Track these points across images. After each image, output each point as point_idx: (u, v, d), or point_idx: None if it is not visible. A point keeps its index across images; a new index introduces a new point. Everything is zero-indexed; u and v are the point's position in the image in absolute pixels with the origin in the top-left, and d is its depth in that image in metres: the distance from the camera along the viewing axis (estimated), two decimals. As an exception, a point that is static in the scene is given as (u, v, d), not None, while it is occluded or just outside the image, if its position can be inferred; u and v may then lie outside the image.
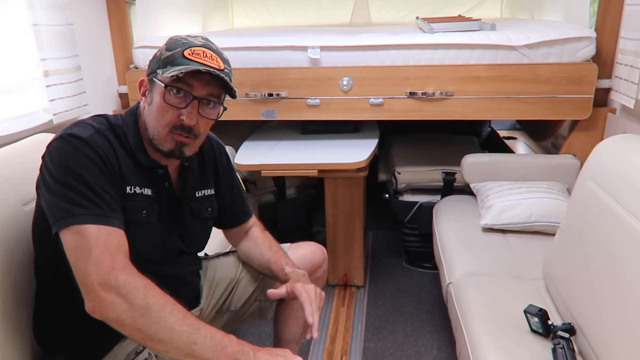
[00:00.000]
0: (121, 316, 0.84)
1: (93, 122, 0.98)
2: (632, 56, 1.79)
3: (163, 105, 0.97)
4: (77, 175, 0.89)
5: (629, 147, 1.16)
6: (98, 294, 0.84)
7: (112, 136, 0.99)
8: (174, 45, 0.99)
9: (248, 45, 2.09)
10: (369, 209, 2.57)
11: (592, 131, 2.03)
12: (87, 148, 0.92)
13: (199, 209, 1.16)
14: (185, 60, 0.96)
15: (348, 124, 2.32)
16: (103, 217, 0.89)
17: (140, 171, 1.02)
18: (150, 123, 1.00)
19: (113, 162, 0.96)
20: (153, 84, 0.99)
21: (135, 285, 0.85)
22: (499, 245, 1.71)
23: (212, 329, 0.88)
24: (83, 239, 0.86)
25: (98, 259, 0.85)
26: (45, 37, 1.73)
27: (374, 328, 1.98)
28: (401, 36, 2.04)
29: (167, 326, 0.84)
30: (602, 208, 1.11)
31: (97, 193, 0.90)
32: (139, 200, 1.00)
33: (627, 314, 0.93)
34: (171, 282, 1.02)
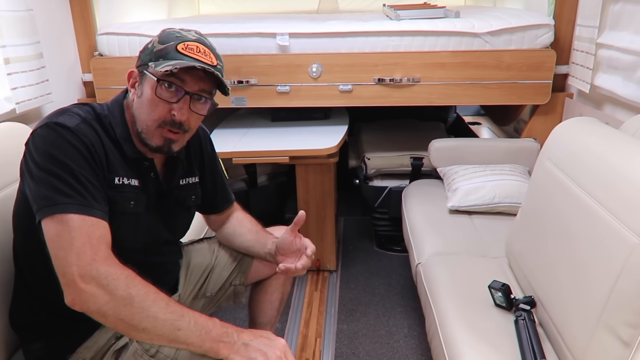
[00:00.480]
0: (103, 307, 0.83)
1: (79, 111, 0.96)
2: (587, 43, 1.88)
3: (154, 99, 0.96)
4: (62, 164, 0.88)
5: (584, 130, 1.23)
6: (78, 285, 0.83)
7: (98, 126, 0.97)
8: (167, 38, 0.97)
9: (216, 32, 2.07)
10: (339, 195, 2.61)
11: (551, 115, 2.12)
12: (74, 137, 0.90)
13: (182, 197, 1.16)
14: (178, 54, 0.95)
15: (318, 110, 2.34)
16: (87, 207, 0.88)
17: (127, 162, 1.01)
18: (139, 116, 0.99)
19: (100, 153, 0.94)
20: (144, 77, 0.98)
21: (117, 276, 0.85)
22: (465, 226, 1.78)
23: (195, 314, 0.89)
24: (65, 229, 0.85)
25: (79, 249, 0.84)
26: (4, 22, 1.66)
27: (346, 310, 2.03)
28: (369, 23, 2.06)
29: (150, 315, 0.84)
30: (559, 187, 1.18)
31: (82, 183, 0.89)
32: (127, 191, 0.99)
33: (581, 285, 1.00)
34: (155, 272, 1.03)
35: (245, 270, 1.35)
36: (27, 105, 1.77)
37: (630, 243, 0.87)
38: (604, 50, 1.78)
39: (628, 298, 0.86)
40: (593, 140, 1.16)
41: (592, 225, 1.01)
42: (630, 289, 0.86)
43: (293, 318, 1.99)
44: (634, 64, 1.58)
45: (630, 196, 0.92)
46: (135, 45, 2.10)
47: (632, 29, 1.61)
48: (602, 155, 1.07)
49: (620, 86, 1.66)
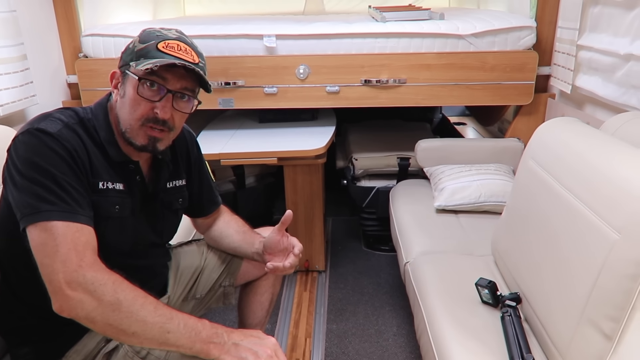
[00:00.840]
0: (91, 313, 0.83)
1: (61, 116, 0.96)
2: (569, 44, 1.92)
3: (136, 98, 0.96)
4: (45, 171, 0.87)
5: (565, 129, 1.26)
6: (65, 292, 0.83)
7: (81, 130, 0.96)
8: (148, 37, 0.98)
9: (202, 33, 2.07)
10: (327, 196, 2.63)
11: (534, 115, 2.17)
12: (56, 143, 0.90)
13: (169, 200, 1.16)
14: (159, 53, 0.95)
15: (305, 112, 2.35)
16: (71, 214, 0.87)
17: (112, 166, 1.00)
18: (122, 116, 0.99)
19: (83, 158, 0.94)
20: (126, 77, 0.98)
21: (104, 282, 0.85)
22: (452, 225, 1.80)
23: (185, 316, 0.89)
24: (50, 236, 0.85)
25: (65, 256, 0.84)
26: (-13, 25, 1.65)
27: (336, 310, 2.04)
28: (355, 25, 2.08)
29: (139, 319, 0.84)
30: (542, 186, 1.21)
31: (65, 189, 0.88)
32: (112, 196, 0.99)
33: (564, 281, 1.03)
34: (143, 275, 1.03)
35: (235, 272, 1.35)
36: (11, 107, 1.75)
37: (611, 240, 0.90)
38: (585, 51, 1.82)
39: (609, 293, 0.89)
40: (574, 139, 1.19)
41: (574, 222, 1.03)
42: (611, 284, 0.89)
43: (283, 318, 1.99)
44: (613, 65, 1.62)
45: (610, 194, 0.95)
46: (120, 46, 2.05)
47: (611, 31, 1.65)
48: (582, 154, 1.10)
49: (600, 87, 1.71)
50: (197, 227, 1.37)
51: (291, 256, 1.18)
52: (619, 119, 1.35)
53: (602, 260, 0.91)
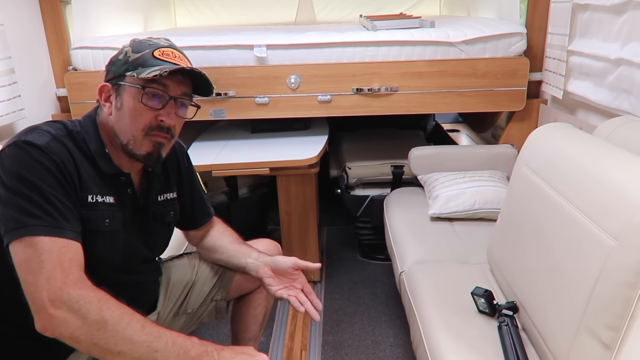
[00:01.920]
0: (75, 332, 0.81)
1: (49, 128, 0.94)
2: (559, 50, 1.93)
3: (138, 107, 0.95)
4: (31, 185, 0.85)
5: (558, 135, 1.25)
6: (48, 311, 0.80)
7: (70, 143, 0.94)
8: (140, 47, 0.97)
9: (193, 44, 2.06)
10: (321, 205, 2.61)
11: (527, 121, 2.16)
12: (43, 156, 0.88)
13: (161, 213, 1.14)
14: (157, 60, 0.95)
15: (298, 121, 2.34)
16: (57, 229, 0.85)
17: (102, 179, 0.99)
18: (122, 128, 0.97)
19: (71, 171, 0.92)
20: (120, 88, 0.97)
21: (89, 300, 0.82)
22: (447, 233, 1.79)
23: (173, 334, 0.87)
24: (35, 252, 0.82)
25: (50, 273, 0.81)
26: (-27, 39, 1.63)
27: (331, 321, 2.02)
28: (346, 34, 2.08)
29: (125, 338, 0.82)
30: (537, 192, 1.20)
31: (52, 203, 0.86)
32: (101, 209, 0.97)
33: (561, 290, 1.01)
34: (133, 291, 1.00)
35: (227, 285, 1.33)
36: (-2, 122, 1.73)
37: (607, 246, 0.88)
38: (575, 57, 1.82)
39: (607, 301, 0.87)
40: (567, 145, 1.18)
41: (570, 229, 1.02)
42: (609, 292, 0.87)
43: (277, 331, 1.96)
44: (604, 70, 1.62)
45: (605, 200, 0.93)
46: (110, 59, 2.06)
47: (601, 36, 1.65)
48: (576, 160, 1.09)
49: (592, 92, 1.71)
50: (190, 240, 1.35)
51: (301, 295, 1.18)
52: (612, 123, 1.35)
53: (599, 268, 0.89)
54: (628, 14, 1.49)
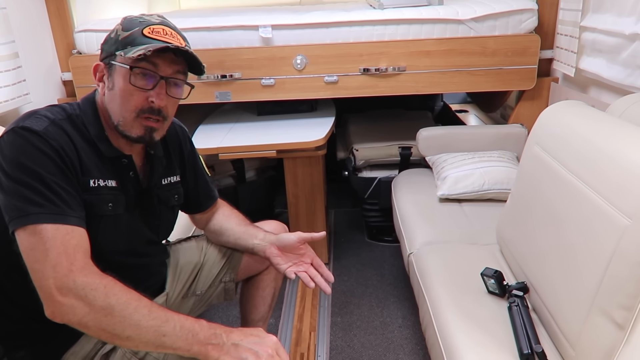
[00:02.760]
0: (83, 319, 0.81)
1: (47, 113, 0.92)
2: (571, 26, 1.88)
3: (128, 88, 0.93)
4: (32, 172, 0.84)
5: (570, 113, 1.22)
6: (56, 298, 0.81)
7: (69, 127, 0.93)
8: (131, 24, 0.95)
9: (197, 25, 2.03)
10: (329, 187, 2.60)
11: (538, 100, 2.12)
12: (42, 142, 0.86)
13: (166, 196, 1.13)
14: (146, 39, 0.92)
15: (304, 103, 2.32)
16: (60, 216, 0.84)
17: (103, 162, 0.97)
18: (113, 109, 0.95)
19: (72, 156, 0.90)
20: (112, 68, 0.95)
21: (95, 286, 0.82)
22: (456, 214, 1.77)
23: (181, 317, 0.86)
24: (39, 240, 0.82)
25: (55, 260, 0.81)
26: (-24, 22, 1.62)
27: (340, 303, 2.02)
28: (352, 13, 2.04)
29: (132, 323, 0.82)
30: (548, 171, 1.18)
31: (54, 190, 0.85)
32: (104, 193, 0.96)
33: (573, 270, 1.00)
34: (140, 274, 1.00)
35: (235, 267, 1.33)
36: (4, 106, 1.73)
37: (621, 226, 0.87)
38: (588, 33, 1.77)
39: (621, 281, 0.86)
40: (580, 123, 1.15)
41: (582, 208, 1.00)
42: (623, 272, 0.86)
43: (286, 313, 1.97)
44: (618, 46, 1.57)
45: (619, 178, 0.91)
46: (114, 42, 2.05)
47: (615, 11, 1.60)
48: (589, 138, 1.07)
49: (605, 69, 1.66)
50: (196, 223, 1.35)
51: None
52: (626, 101, 1.31)
53: (612, 247, 0.88)
54: (644, -13, 1.44)
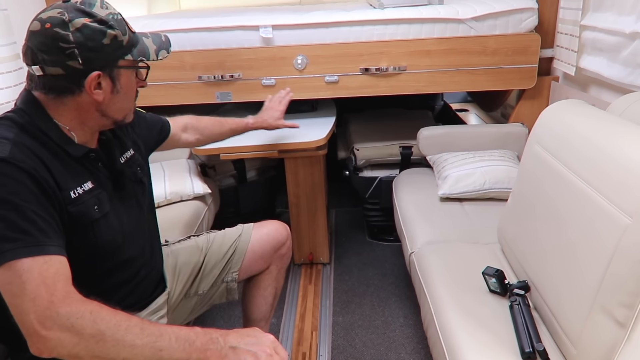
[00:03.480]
0: (73, 350, 0.78)
1: (4, 133, 0.87)
2: (571, 25, 1.88)
3: (133, 85, 1.01)
4: (4, 202, 0.81)
5: (570, 112, 1.23)
6: (40, 333, 0.77)
7: (30, 140, 0.89)
8: (120, 25, 0.94)
9: (198, 26, 2.03)
10: (330, 187, 2.60)
11: (538, 99, 2.13)
12: (11, 169, 0.82)
13: (132, 172, 1.11)
14: (137, 36, 1.00)
15: (305, 103, 2.32)
16: (36, 247, 0.81)
17: (72, 166, 0.95)
18: (122, 107, 1.01)
19: (45, 175, 0.87)
20: (117, 71, 0.95)
21: (80, 314, 0.79)
22: (457, 213, 1.78)
23: (174, 328, 0.85)
24: (15, 274, 0.78)
25: (34, 293, 0.78)
26: (-22, 24, 1.62)
27: (341, 302, 2.03)
28: (352, 12, 2.04)
29: (127, 345, 0.80)
30: (549, 171, 1.18)
31: (29, 219, 0.81)
32: (86, 199, 0.95)
33: (574, 268, 1.00)
34: (139, 261, 1.01)
35: (237, 267, 1.34)
36: (4, 107, 1.72)
37: (622, 224, 0.87)
38: (588, 32, 1.77)
39: (622, 279, 0.86)
40: (581, 122, 1.15)
41: (583, 207, 1.00)
42: (624, 270, 0.86)
43: (288, 312, 1.98)
44: (619, 45, 1.58)
45: (620, 177, 0.92)
46: (115, 42, 2.05)
47: (616, 10, 1.60)
48: (590, 137, 1.07)
49: (606, 67, 1.67)
50: (180, 145, 1.49)
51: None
52: (626, 99, 1.31)
53: (613, 246, 0.88)
54: (644, -15, 1.44)
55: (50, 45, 0.88)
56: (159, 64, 1.15)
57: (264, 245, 1.36)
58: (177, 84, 2.06)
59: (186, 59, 2.03)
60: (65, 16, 0.89)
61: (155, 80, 2.01)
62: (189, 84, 2.07)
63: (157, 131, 1.36)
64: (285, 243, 1.42)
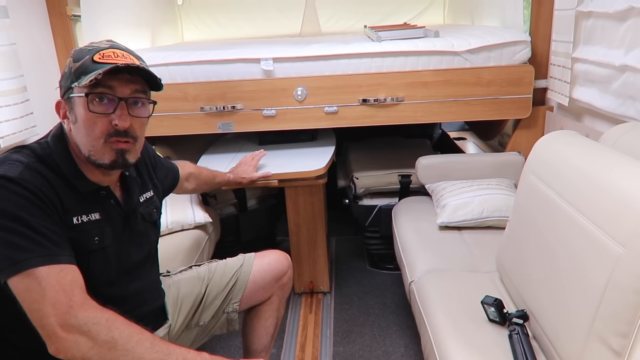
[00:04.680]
0: (87, 354, 0.82)
1: (20, 157, 0.93)
2: (564, 57, 1.93)
3: (89, 116, 0.93)
4: (15, 218, 0.85)
5: (563, 142, 1.26)
6: (59, 335, 0.82)
7: (43, 168, 0.93)
8: (81, 54, 0.95)
9: (201, 59, 2.09)
10: (330, 215, 2.62)
11: (534, 129, 2.17)
12: (19, 187, 0.87)
13: (148, 212, 1.15)
14: (97, 65, 0.92)
15: (305, 132, 2.36)
16: (50, 257, 0.85)
17: (84, 197, 0.98)
18: (81, 141, 0.96)
19: (51, 196, 0.91)
20: (71, 101, 0.95)
21: (97, 321, 0.84)
22: (456, 241, 1.79)
23: (182, 350, 0.87)
24: (34, 281, 0.83)
25: (54, 298, 0.83)
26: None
27: (342, 332, 2.02)
28: (351, 45, 2.10)
29: (136, 357, 0.83)
30: (544, 200, 1.20)
31: (39, 232, 0.86)
32: (89, 229, 0.97)
33: (571, 297, 1.01)
34: (134, 300, 1.01)
35: (238, 297, 1.34)
36: (11, 139, 1.76)
37: (615, 253, 0.89)
38: (580, 64, 1.83)
39: (616, 308, 0.87)
40: (573, 153, 1.18)
41: (577, 237, 1.02)
42: (618, 299, 0.87)
43: (288, 343, 1.96)
44: (609, 77, 1.62)
45: (612, 207, 0.94)
46: (120, 75, 2.10)
47: (605, 43, 1.66)
48: (581, 167, 1.10)
49: (598, 98, 1.71)
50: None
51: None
52: (618, 129, 1.35)
53: (607, 275, 0.89)
54: (631, 20, 1.50)
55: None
56: (163, 95, 1.08)
57: (265, 275, 1.37)
58: (180, 114, 2.11)
59: (189, 91, 2.08)
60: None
61: (158, 111, 2.04)
62: (191, 115, 2.11)
63: (171, 178, 1.41)
64: (287, 273, 1.42)
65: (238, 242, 2.45)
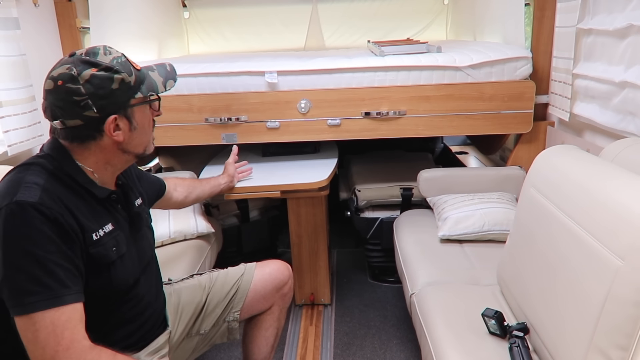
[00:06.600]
0: None
1: (35, 179, 0.92)
2: (564, 73, 1.96)
3: (149, 117, 1.07)
4: (27, 255, 0.86)
5: (563, 157, 1.27)
6: None
7: (58, 185, 0.94)
8: (125, 67, 0.99)
9: (206, 71, 2.12)
10: (332, 227, 2.62)
11: (535, 143, 2.18)
12: (38, 214, 0.87)
13: (146, 217, 1.20)
14: (141, 72, 1.04)
15: (308, 145, 2.38)
16: (54, 299, 0.87)
17: (96, 209, 1.01)
18: (141, 142, 1.06)
19: (69, 221, 0.92)
20: (130, 110, 1.00)
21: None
22: (457, 254, 1.79)
23: None
24: (30, 323, 0.86)
25: (44, 342, 0.86)
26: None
27: (342, 344, 2.01)
28: (354, 59, 2.13)
29: None
30: (544, 214, 1.21)
31: (49, 271, 0.87)
32: (106, 241, 1.00)
33: (571, 310, 1.01)
34: (143, 303, 1.04)
35: (238, 306, 1.35)
36: (19, 147, 1.79)
37: (614, 267, 0.89)
38: (580, 80, 1.85)
39: (616, 321, 0.88)
40: (573, 167, 1.20)
41: (577, 250, 1.03)
42: (617, 312, 0.88)
43: (288, 354, 1.96)
44: (609, 93, 1.64)
45: (610, 221, 0.95)
46: (126, 86, 2.13)
47: (605, 60, 1.68)
48: (581, 182, 1.11)
49: (598, 114, 1.73)
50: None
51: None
52: (619, 145, 1.36)
53: (607, 288, 0.90)
54: (631, 38, 1.52)
55: (66, 101, 0.94)
56: (168, 106, 1.23)
57: (266, 284, 1.38)
58: (184, 125, 2.14)
59: (194, 102, 2.11)
60: (73, 71, 0.94)
61: (163, 122, 2.08)
62: (196, 126, 2.14)
63: (156, 188, 1.44)
64: (287, 283, 1.43)
65: (240, 253, 2.46)
